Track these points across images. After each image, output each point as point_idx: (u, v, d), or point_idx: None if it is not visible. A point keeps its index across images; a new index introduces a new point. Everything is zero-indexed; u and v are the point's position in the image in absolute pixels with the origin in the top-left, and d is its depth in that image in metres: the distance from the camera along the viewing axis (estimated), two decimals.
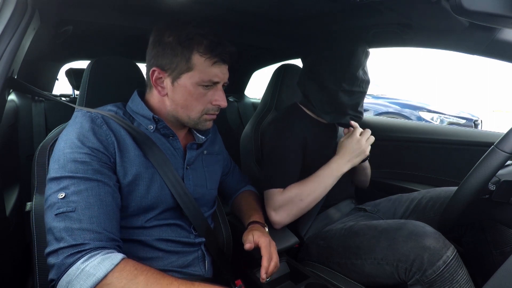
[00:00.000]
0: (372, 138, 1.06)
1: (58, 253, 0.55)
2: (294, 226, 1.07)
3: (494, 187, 0.77)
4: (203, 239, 0.80)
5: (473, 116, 4.89)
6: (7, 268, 0.90)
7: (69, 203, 0.59)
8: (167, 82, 0.74)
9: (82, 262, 0.54)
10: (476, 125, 4.78)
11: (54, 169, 0.63)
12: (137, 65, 0.96)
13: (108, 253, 0.56)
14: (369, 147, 1.05)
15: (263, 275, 0.75)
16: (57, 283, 0.54)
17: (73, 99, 1.92)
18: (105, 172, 0.64)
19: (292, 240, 0.97)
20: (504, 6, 0.51)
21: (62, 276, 0.54)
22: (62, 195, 0.59)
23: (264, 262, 0.77)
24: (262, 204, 1.03)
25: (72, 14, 1.02)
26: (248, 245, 0.79)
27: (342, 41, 1.07)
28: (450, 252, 0.79)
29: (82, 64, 1.94)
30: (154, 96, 0.78)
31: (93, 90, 0.86)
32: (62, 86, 2.09)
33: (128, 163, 0.69)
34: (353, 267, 0.93)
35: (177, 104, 0.75)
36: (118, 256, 0.56)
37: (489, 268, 0.98)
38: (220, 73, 0.74)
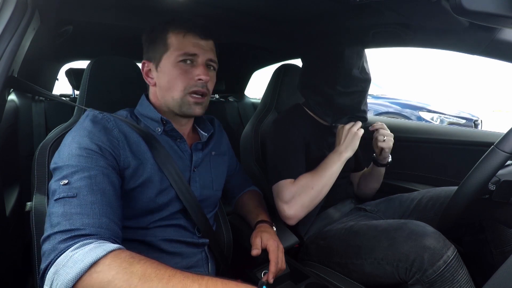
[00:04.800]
0: (362, 129, 1.05)
1: (51, 238, 0.51)
2: (294, 226, 1.07)
3: (494, 187, 0.77)
4: (207, 240, 0.81)
5: (473, 116, 4.89)
6: (7, 267, 0.90)
7: (71, 189, 0.57)
8: (153, 70, 0.76)
9: (72, 250, 0.49)
10: (476, 125, 4.77)
11: (59, 160, 0.62)
12: (137, 65, 0.96)
13: (103, 242, 0.52)
14: (361, 131, 1.03)
15: (270, 279, 0.76)
16: (45, 275, 0.49)
17: (73, 99, 1.92)
18: (110, 171, 0.63)
19: (292, 240, 0.97)
20: (504, 6, 0.51)
21: (50, 266, 0.49)
22: (65, 182, 0.57)
23: (272, 268, 0.77)
24: (265, 205, 1.02)
25: (72, 14, 1.02)
26: (255, 252, 0.80)
27: (330, 44, 1.07)
28: (451, 252, 0.79)
29: (82, 64, 1.94)
30: (151, 93, 0.79)
31: (93, 90, 0.86)
32: (62, 86, 2.09)
33: (139, 167, 0.69)
34: (353, 267, 0.93)
35: (162, 88, 0.76)
36: (114, 245, 0.51)
37: (489, 268, 0.98)
38: (193, 45, 0.73)
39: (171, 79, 0.74)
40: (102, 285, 0.46)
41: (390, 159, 1.18)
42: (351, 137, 1.02)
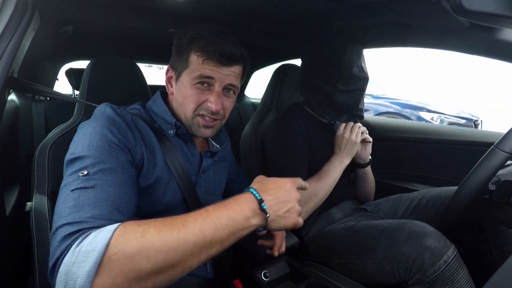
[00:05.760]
0: (360, 132, 1.10)
1: (58, 232, 0.48)
2: None
3: (494, 187, 0.77)
4: None
5: (473, 116, 4.89)
6: (7, 268, 0.90)
7: (90, 180, 0.53)
8: (174, 80, 0.76)
9: (76, 246, 0.45)
10: (476, 125, 4.77)
11: (78, 150, 0.58)
12: (137, 65, 0.96)
13: (102, 228, 0.47)
14: (358, 137, 1.09)
15: (275, 252, 0.78)
16: (55, 275, 0.45)
17: None
18: (129, 166, 0.62)
19: (293, 240, 0.97)
20: (504, 6, 0.51)
21: (58, 266, 0.45)
22: (84, 173, 0.54)
23: (278, 241, 0.79)
24: None
25: (72, 14, 1.02)
26: (262, 232, 0.79)
27: (332, 43, 1.09)
28: (451, 252, 0.79)
29: (82, 64, 1.94)
30: (169, 98, 0.79)
31: (93, 90, 0.86)
32: (62, 86, 2.09)
33: (152, 166, 0.69)
34: (354, 267, 0.93)
35: (177, 102, 0.76)
36: (114, 224, 0.47)
37: (489, 268, 0.98)
38: (211, 70, 0.70)
39: (185, 97, 0.73)
40: (125, 264, 0.43)
41: (370, 158, 1.20)
42: (350, 145, 1.07)
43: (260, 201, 0.54)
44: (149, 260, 0.44)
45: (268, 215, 0.54)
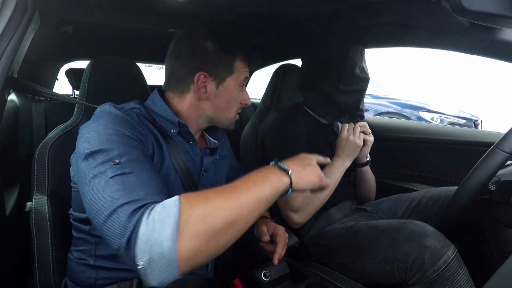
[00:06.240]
0: (362, 134, 1.11)
1: (118, 211, 0.48)
2: None
3: (494, 187, 0.77)
4: None
5: (473, 116, 4.89)
6: (7, 268, 0.90)
7: (125, 167, 0.54)
8: (211, 86, 0.75)
9: (147, 218, 0.47)
10: (476, 125, 4.77)
11: (96, 144, 0.57)
12: (137, 65, 0.96)
13: (164, 201, 0.50)
14: (361, 140, 1.10)
15: (275, 260, 0.78)
16: (135, 250, 0.46)
17: None
18: (148, 158, 0.63)
19: (293, 240, 0.97)
20: (504, 6, 0.51)
21: (133, 239, 0.46)
22: (116, 161, 0.54)
23: (279, 250, 0.79)
24: None
25: (72, 14, 1.02)
26: (266, 238, 0.80)
27: (335, 43, 1.08)
28: (451, 251, 0.79)
29: (82, 64, 1.94)
30: (186, 101, 0.77)
31: (93, 90, 0.86)
32: (62, 87, 2.09)
33: (161, 162, 0.69)
34: (354, 267, 0.93)
35: (218, 107, 0.78)
36: (174, 197, 0.50)
37: (489, 268, 0.98)
38: (248, 73, 0.81)
39: (231, 100, 0.79)
40: (200, 224, 0.47)
41: (369, 158, 1.20)
42: (353, 148, 1.08)
43: (280, 166, 0.61)
44: (218, 218, 0.48)
45: (290, 172, 0.60)
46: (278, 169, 0.60)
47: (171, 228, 0.45)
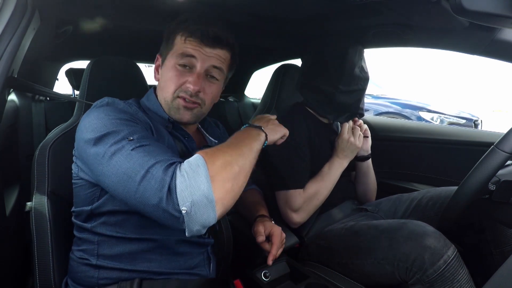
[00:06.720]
0: (362, 135, 1.12)
1: (153, 169, 0.53)
2: None
3: (494, 187, 0.77)
4: (212, 240, 0.81)
5: (473, 116, 4.89)
6: (7, 268, 0.90)
7: (141, 141, 0.58)
8: (160, 67, 0.78)
9: (179, 171, 0.53)
10: (476, 125, 4.78)
11: (103, 128, 0.60)
12: (137, 65, 0.96)
13: (187, 160, 0.56)
14: (361, 141, 1.11)
15: (270, 261, 0.79)
16: (177, 197, 0.51)
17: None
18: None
19: (293, 240, 0.97)
20: (504, 6, 0.51)
21: (176, 188, 0.52)
22: (130, 138, 0.58)
23: (273, 251, 0.79)
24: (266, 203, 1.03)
25: (72, 14, 1.02)
26: (260, 238, 0.81)
27: (333, 44, 1.09)
28: (451, 251, 0.79)
29: (82, 64, 1.94)
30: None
31: (93, 90, 0.86)
32: (62, 87, 2.09)
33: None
34: (354, 267, 0.93)
35: (159, 87, 0.77)
36: (194, 155, 0.57)
37: (489, 268, 0.98)
38: (194, 49, 0.71)
39: (166, 80, 0.74)
40: (223, 169, 0.55)
41: (369, 152, 1.22)
42: (352, 149, 1.08)
43: (254, 125, 0.72)
44: (233, 165, 0.56)
45: (262, 127, 0.71)
46: (254, 128, 0.70)
47: (204, 174, 0.52)
